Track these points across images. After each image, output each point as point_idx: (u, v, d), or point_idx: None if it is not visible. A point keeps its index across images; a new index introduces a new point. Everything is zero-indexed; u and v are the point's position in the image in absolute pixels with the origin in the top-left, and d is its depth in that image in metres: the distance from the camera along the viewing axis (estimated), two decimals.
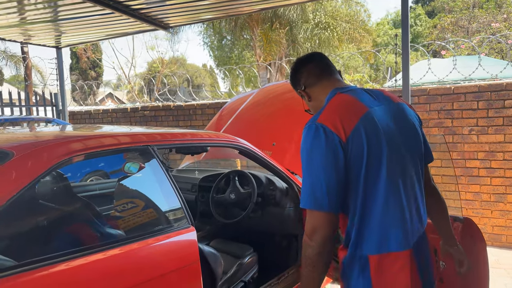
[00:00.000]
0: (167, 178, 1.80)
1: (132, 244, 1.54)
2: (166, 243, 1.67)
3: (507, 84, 4.00)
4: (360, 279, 1.29)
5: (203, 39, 24.61)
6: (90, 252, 1.40)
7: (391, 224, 1.27)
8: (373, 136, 1.27)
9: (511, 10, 16.03)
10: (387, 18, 26.11)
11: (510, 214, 4.05)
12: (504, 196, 4.07)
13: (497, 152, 4.08)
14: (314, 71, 1.48)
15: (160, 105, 6.39)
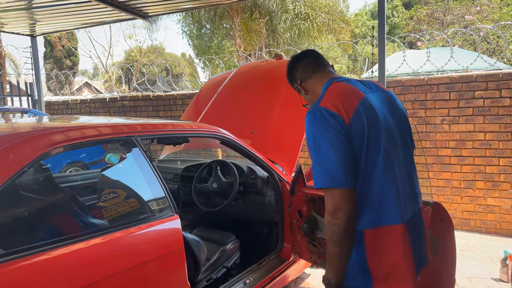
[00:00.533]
0: (151, 168, 1.85)
1: (115, 233, 1.58)
2: (150, 231, 1.72)
3: (477, 76, 4.18)
4: (354, 251, 1.33)
5: (182, 28, 24.31)
6: (73, 242, 1.44)
7: (387, 201, 1.34)
8: (372, 119, 1.34)
9: (484, 3, 16.48)
10: (365, 9, 26.37)
11: (479, 199, 4.26)
12: (473, 182, 4.28)
13: (467, 141, 4.27)
14: (309, 65, 1.56)
15: (139, 95, 6.34)
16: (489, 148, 4.17)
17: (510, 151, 4.08)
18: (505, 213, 4.16)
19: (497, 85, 4.08)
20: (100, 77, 14.81)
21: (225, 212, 2.81)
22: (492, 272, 3.30)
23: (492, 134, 4.15)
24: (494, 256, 3.64)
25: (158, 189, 1.84)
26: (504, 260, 3.13)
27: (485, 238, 4.13)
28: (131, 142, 1.83)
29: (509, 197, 4.12)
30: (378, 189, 1.33)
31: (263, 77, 3.67)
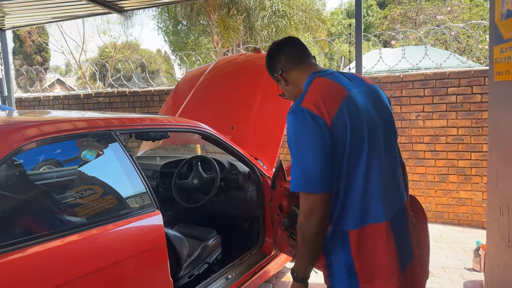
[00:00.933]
0: (131, 163, 1.81)
1: (92, 230, 1.54)
2: (131, 227, 1.69)
3: (450, 73, 4.31)
4: (340, 252, 1.35)
5: (158, 24, 23.91)
6: (48, 239, 1.39)
7: (371, 200, 1.33)
8: (355, 117, 1.31)
9: (454, 3, 16.99)
10: (341, 8, 26.70)
11: (452, 193, 4.40)
12: (447, 176, 4.41)
13: (441, 136, 4.40)
14: (291, 55, 1.48)
15: (114, 91, 6.20)
16: (461, 143, 4.31)
17: (481, 146, 4.23)
18: (476, 206, 4.31)
19: (469, 82, 4.22)
20: (73, 73, 14.38)
21: (206, 208, 2.79)
22: (465, 262, 3.41)
23: (464, 130, 4.28)
24: (466, 246, 3.77)
25: (139, 184, 1.81)
26: (477, 250, 3.25)
27: (458, 230, 4.27)
28: (110, 136, 1.78)
29: (480, 190, 4.28)
30: (362, 188, 1.32)
31: (241, 71, 3.65)
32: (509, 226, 2.18)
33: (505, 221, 2.22)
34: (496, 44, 2.23)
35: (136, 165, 1.82)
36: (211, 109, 3.43)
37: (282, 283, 3.15)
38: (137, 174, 1.80)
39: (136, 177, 1.79)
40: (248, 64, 3.67)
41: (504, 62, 2.16)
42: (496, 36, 2.24)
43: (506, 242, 2.22)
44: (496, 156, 2.33)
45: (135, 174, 1.79)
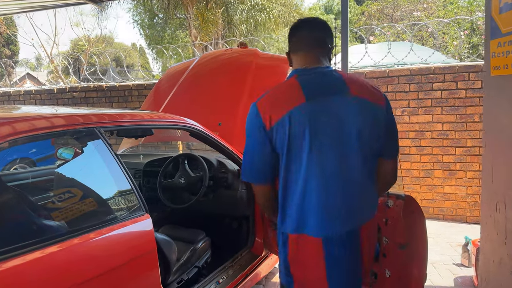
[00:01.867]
0: (117, 163, 1.66)
1: (80, 237, 1.39)
2: (119, 233, 1.55)
3: (435, 68, 4.31)
4: (281, 250, 1.45)
5: (133, 17, 23.32)
6: (22, 252, 1.22)
7: (309, 210, 1.34)
8: (297, 129, 1.31)
9: (429, 0, 17.30)
10: (319, 4, 26.77)
11: (437, 188, 4.42)
12: (432, 171, 4.43)
13: (426, 131, 4.40)
14: (300, 40, 1.48)
15: (91, 86, 5.93)
16: (446, 138, 4.33)
17: (465, 141, 4.26)
18: (460, 200, 4.35)
19: (454, 77, 4.23)
20: (45, 67, 13.78)
21: (193, 208, 2.65)
22: (453, 258, 3.42)
23: (449, 125, 4.30)
24: (453, 241, 3.79)
25: (126, 186, 1.66)
26: (465, 245, 3.25)
27: (443, 225, 4.30)
28: (94, 134, 1.63)
29: (464, 184, 4.31)
30: (300, 198, 1.35)
31: (228, 66, 3.54)
32: (506, 222, 2.15)
33: (502, 217, 2.19)
34: (493, 38, 2.19)
35: (123, 165, 1.67)
36: (197, 105, 3.29)
37: (272, 283, 3.06)
38: (124, 175, 1.65)
39: (123, 178, 1.65)
40: (235, 59, 3.55)
41: (502, 57, 2.12)
42: (493, 30, 2.20)
43: (503, 239, 2.20)
44: (491, 152, 2.30)
45: (122, 175, 1.65)
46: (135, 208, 1.65)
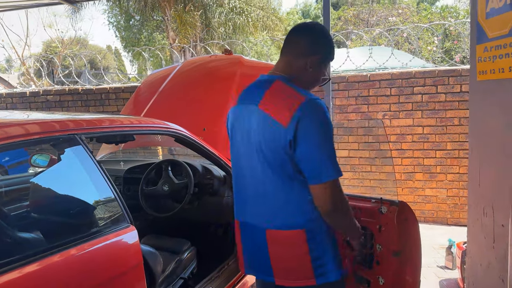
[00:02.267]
0: (100, 172, 1.55)
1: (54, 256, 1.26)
2: (101, 248, 1.44)
3: (415, 73, 4.36)
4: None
5: (109, 19, 22.86)
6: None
7: (236, 199, 1.60)
8: (233, 127, 1.52)
9: (403, 6, 17.73)
10: (296, 8, 27.01)
11: (418, 190, 4.47)
12: (413, 174, 4.47)
13: (407, 135, 4.45)
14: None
15: (66, 89, 5.71)
16: (426, 141, 4.38)
17: (445, 144, 4.32)
18: (441, 203, 4.41)
19: (434, 82, 4.30)
20: (16, 69, 13.23)
21: (177, 217, 2.56)
22: (437, 260, 3.44)
23: (429, 128, 4.36)
24: (435, 244, 3.82)
25: (110, 196, 1.56)
26: (449, 248, 3.28)
27: (425, 227, 4.34)
28: (74, 140, 1.52)
29: (444, 187, 4.37)
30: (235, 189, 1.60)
31: (212, 76, 3.47)
32: (494, 226, 2.16)
33: (490, 221, 2.20)
34: (480, 42, 2.21)
35: (106, 174, 1.56)
36: (180, 111, 3.20)
37: None
38: (107, 184, 1.55)
39: (106, 188, 1.54)
40: (221, 66, 3.52)
41: (488, 61, 2.14)
42: (479, 35, 2.22)
43: (491, 243, 2.20)
44: (478, 156, 2.31)
45: (105, 185, 1.54)
46: (119, 220, 1.55)
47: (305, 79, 1.40)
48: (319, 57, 1.39)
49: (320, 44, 1.40)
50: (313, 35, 1.40)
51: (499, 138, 2.10)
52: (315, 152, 1.26)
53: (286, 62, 1.42)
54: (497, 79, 2.08)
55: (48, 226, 1.48)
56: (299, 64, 1.38)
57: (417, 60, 4.89)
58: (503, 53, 2.03)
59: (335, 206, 1.29)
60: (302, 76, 1.39)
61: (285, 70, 1.40)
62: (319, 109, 1.26)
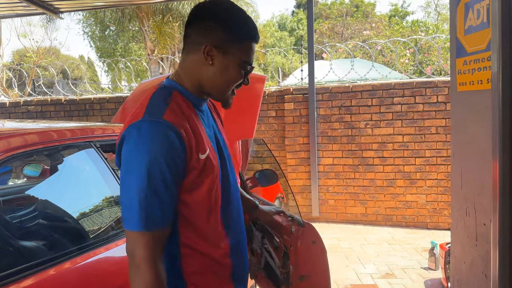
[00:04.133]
0: (115, 178, 1.61)
1: (65, 263, 1.30)
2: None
3: (395, 84, 4.59)
4: None
5: (83, 29, 22.53)
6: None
7: None
8: None
9: (377, 20, 18.43)
10: (273, 21, 27.50)
11: (399, 196, 4.67)
12: (394, 181, 4.67)
13: (388, 143, 4.66)
14: None
15: (48, 99, 5.64)
16: (406, 149, 4.60)
17: (424, 152, 4.55)
18: (421, 208, 4.62)
19: (412, 92, 4.54)
20: None
21: None
22: (420, 262, 3.61)
23: (408, 137, 4.58)
24: (417, 247, 4.00)
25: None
26: (432, 250, 3.45)
27: (406, 231, 4.53)
28: (90, 147, 1.57)
29: (424, 192, 4.59)
30: None
31: None
32: (476, 225, 2.33)
33: (472, 221, 2.38)
34: (459, 56, 2.40)
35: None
36: None
37: None
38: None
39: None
40: None
41: (468, 74, 2.33)
42: (458, 49, 2.42)
43: (474, 241, 2.37)
44: (459, 161, 2.49)
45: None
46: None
47: (208, 79, 1.02)
48: (220, 42, 0.99)
49: (220, 25, 0.99)
50: (207, 15, 1.01)
51: (478, 144, 2.29)
52: (120, 187, 0.94)
53: (180, 62, 1.06)
54: (476, 90, 2.27)
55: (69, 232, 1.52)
56: (194, 59, 1.02)
57: (394, 73, 5.15)
58: (481, 66, 2.22)
59: (132, 261, 0.90)
60: (202, 76, 1.02)
61: (177, 72, 1.06)
62: (139, 135, 0.90)
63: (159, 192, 0.89)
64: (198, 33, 1.00)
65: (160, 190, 0.89)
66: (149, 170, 0.88)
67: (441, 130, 4.49)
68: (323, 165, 4.87)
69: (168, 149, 0.89)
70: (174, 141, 0.90)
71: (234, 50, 1.00)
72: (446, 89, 4.42)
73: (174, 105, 0.96)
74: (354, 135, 4.75)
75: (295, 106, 4.91)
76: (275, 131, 5.10)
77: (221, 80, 1.02)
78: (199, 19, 1.01)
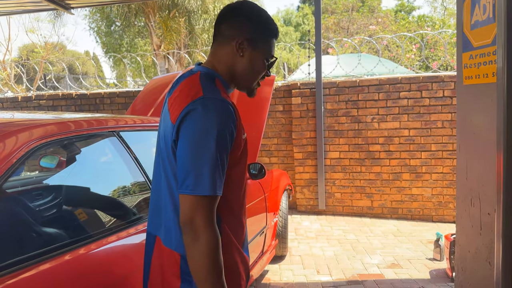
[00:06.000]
0: (139, 168, 1.70)
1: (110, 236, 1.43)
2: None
3: (401, 78, 4.65)
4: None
5: (89, 24, 22.64)
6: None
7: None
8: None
9: (383, 15, 18.37)
10: (278, 16, 27.49)
11: (405, 190, 4.74)
12: (400, 175, 4.74)
13: (394, 137, 4.72)
14: None
15: (59, 94, 5.75)
16: (412, 143, 4.66)
17: (430, 145, 4.61)
18: (426, 201, 4.69)
19: (418, 87, 4.59)
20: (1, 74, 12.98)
21: None
22: (426, 253, 3.69)
23: (415, 131, 4.64)
24: (423, 239, 4.08)
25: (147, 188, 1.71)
26: (437, 241, 3.53)
27: (412, 224, 4.60)
28: (113, 137, 1.66)
29: (429, 186, 4.65)
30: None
31: None
32: (480, 215, 2.41)
33: (476, 211, 2.45)
34: (465, 51, 2.46)
35: (144, 171, 1.71)
36: None
37: (263, 285, 3.15)
38: (144, 178, 1.70)
39: (144, 181, 1.69)
40: None
41: (474, 68, 2.39)
42: (464, 44, 2.48)
43: (478, 230, 2.45)
44: (465, 152, 2.56)
45: (143, 178, 1.69)
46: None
47: (239, 70, 1.16)
48: (250, 37, 1.14)
49: (250, 23, 1.14)
50: (239, 14, 1.16)
51: (483, 136, 2.36)
52: (185, 156, 1.02)
53: (212, 53, 1.19)
54: (481, 83, 2.34)
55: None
56: (226, 51, 1.15)
57: (400, 68, 5.20)
58: (487, 60, 2.28)
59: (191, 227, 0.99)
60: (233, 66, 1.16)
61: (210, 61, 1.18)
62: (206, 110, 1.02)
63: (222, 161, 1.02)
64: (230, 29, 1.14)
65: (223, 159, 1.02)
66: (217, 141, 1.00)
67: (447, 124, 4.55)
68: (330, 159, 4.94)
69: (229, 124, 1.03)
70: (233, 117, 1.04)
71: (261, 44, 1.16)
72: (452, 84, 4.47)
73: (221, 88, 1.11)
74: (361, 129, 4.82)
75: (302, 101, 4.98)
76: (283, 125, 5.17)
77: (250, 70, 1.16)
78: (231, 17, 1.16)
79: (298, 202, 5.15)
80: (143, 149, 1.83)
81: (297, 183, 5.09)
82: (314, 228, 4.53)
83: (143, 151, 1.79)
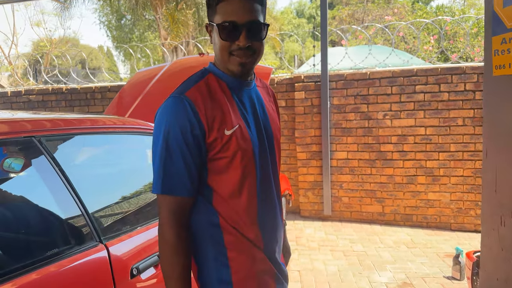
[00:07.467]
0: (63, 182, 1.31)
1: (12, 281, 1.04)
2: (67, 270, 1.20)
3: (417, 70, 4.16)
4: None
5: (100, 18, 22.52)
6: None
7: None
8: None
9: (399, 5, 17.62)
10: (291, 8, 26.84)
11: (420, 194, 4.26)
12: (415, 178, 4.26)
13: (409, 136, 4.24)
14: None
15: (49, 88, 5.44)
16: (429, 142, 4.18)
17: (449, 146, 4.12)
18: (444, 207, 4.20)
19: (436, 80, 4.09)
20: (3, 69, 12.83)
21: None
22: (443, 270, 3.23)
23: (432, 129, 4.15)
24: (440, 251, 3.61)
25: (75, 210, 1.32)
26: (456, 257, 3.07)
27: (427, 233, 4.13)
28: (32, 145, 1.27)
29: (448, 191, 4.17)
30: None
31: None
32: None
33: (508, 232, 1.98)
34: (496, 34, 1.98)
35: (71, 185, 1.32)
36: None
37: None
38: (71, 197, 1.30)
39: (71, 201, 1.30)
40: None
41: (507, 54, 1.92)
42: (495, 26, 2.00)
43: (509, 255, 1.99)
44: (494, 158, 2.09)
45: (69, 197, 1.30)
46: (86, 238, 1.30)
47: (215, 54, 1.11)
48: (209, 19, 1.09)
49: (207, 7, 1.09)
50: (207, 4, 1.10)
51: None
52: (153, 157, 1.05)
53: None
54: None
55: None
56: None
57: (415, 59, 4.69)
58: None
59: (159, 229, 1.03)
60: (215, 54, 1.11)
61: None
62: (161, 108, 1.03)
63: (175, 160, 0.99)
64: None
65: (176, 158, 0.99)
66: (166, 139, 0.99)
67: (469, 121, 4.05)
68: (337, 160, 4.49)
69: (181, 120, 0.98)
70: (189, 113, 0.99)
71: (213, 18, 1.06)
72: (475, 76, 3.97)
73: (202, 84, 1.06)
74: (371, 126, 4.35)
75: (306, 95, 4.53)
76: (285, 122, 4.74)
77: (216, 49, 1.07)
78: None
79: (301, 207, 4.72)
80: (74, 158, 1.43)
81: (300, 186, 4.66)
82: (318, 236, 4.10)
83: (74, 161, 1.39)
